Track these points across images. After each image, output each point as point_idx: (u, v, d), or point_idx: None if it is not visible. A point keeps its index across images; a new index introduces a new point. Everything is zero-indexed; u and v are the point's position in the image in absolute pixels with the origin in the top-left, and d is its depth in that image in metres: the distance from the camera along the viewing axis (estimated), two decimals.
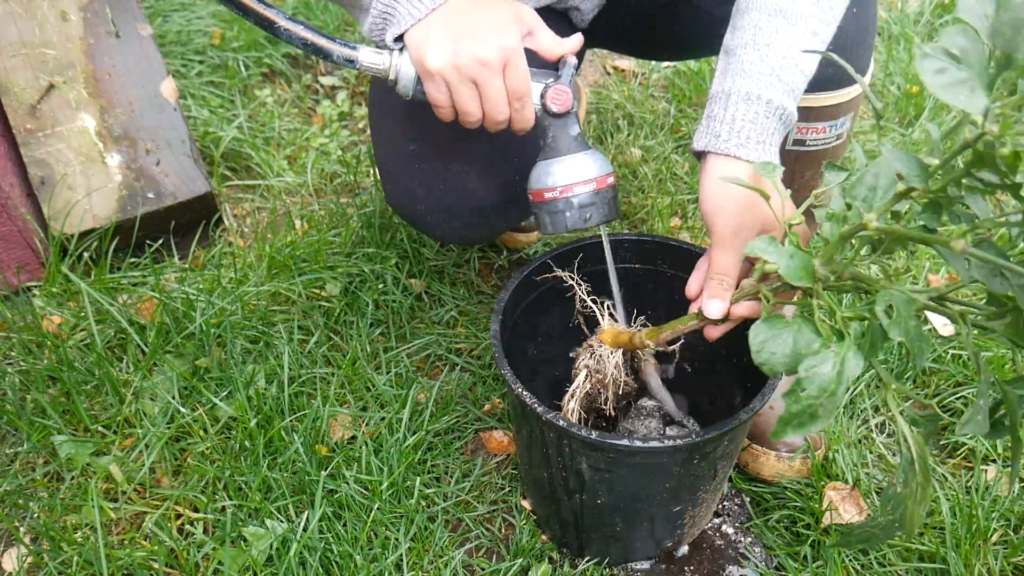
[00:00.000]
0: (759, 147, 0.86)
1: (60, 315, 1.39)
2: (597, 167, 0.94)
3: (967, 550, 1.15)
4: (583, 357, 1.03)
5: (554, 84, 0.91)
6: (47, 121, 1.53)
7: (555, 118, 0.93)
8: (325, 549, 1.11)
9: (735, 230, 0.85)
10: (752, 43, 0.88)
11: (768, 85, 0.87)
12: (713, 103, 0.90)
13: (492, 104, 0.88)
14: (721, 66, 0.91)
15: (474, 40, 0.85)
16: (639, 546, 1.15)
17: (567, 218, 0.94)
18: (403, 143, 1.14)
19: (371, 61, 0.91)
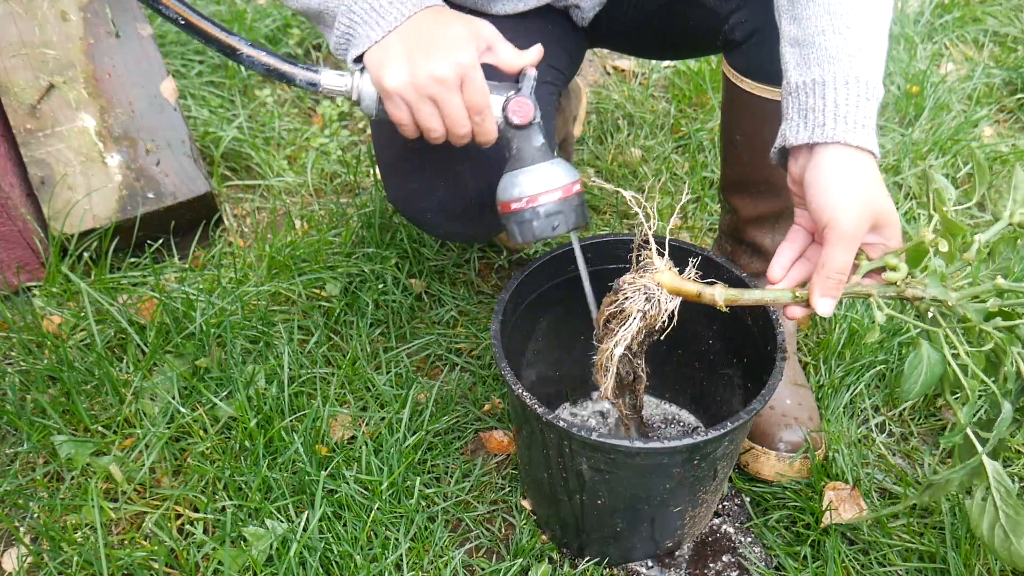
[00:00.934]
0: (865, 131, 0.84)
1: (60, 315, 1.39)
2: (562, 175, 0.95)
3: (967, 550, 1.15)
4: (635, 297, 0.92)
5: (515, 96, 0.93)
6: (47, 121, 1.53)
7: (517, 129, 0.94)
8: (325, 549, 1.11)
9: (856, 227, 0.82)
10: (831, 28, 0.86)
11: (861, 66, 0.85)
12: (803, 95, 0.86)
13: (452, 120, 0.90)
14: (794, 59, 0.88)
15: (430, 58, 0.86)
16: (639, 546, 1.15)
17: (534, 227, 0.95)
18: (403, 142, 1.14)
19: (333, 84, 0.93)
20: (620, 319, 0.93)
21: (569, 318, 1.23)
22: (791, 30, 0.90)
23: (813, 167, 0.85)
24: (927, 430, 1.38)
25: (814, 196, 0.84)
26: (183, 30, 0.90)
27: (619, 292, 0.93)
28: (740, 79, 1.13)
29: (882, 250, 0.87)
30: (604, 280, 1.18)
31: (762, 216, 1.27)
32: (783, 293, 0.89)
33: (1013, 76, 2.17)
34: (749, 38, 1.08)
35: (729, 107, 1.20)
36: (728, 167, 1.27)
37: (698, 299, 0.91)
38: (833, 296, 0.85)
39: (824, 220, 0.83)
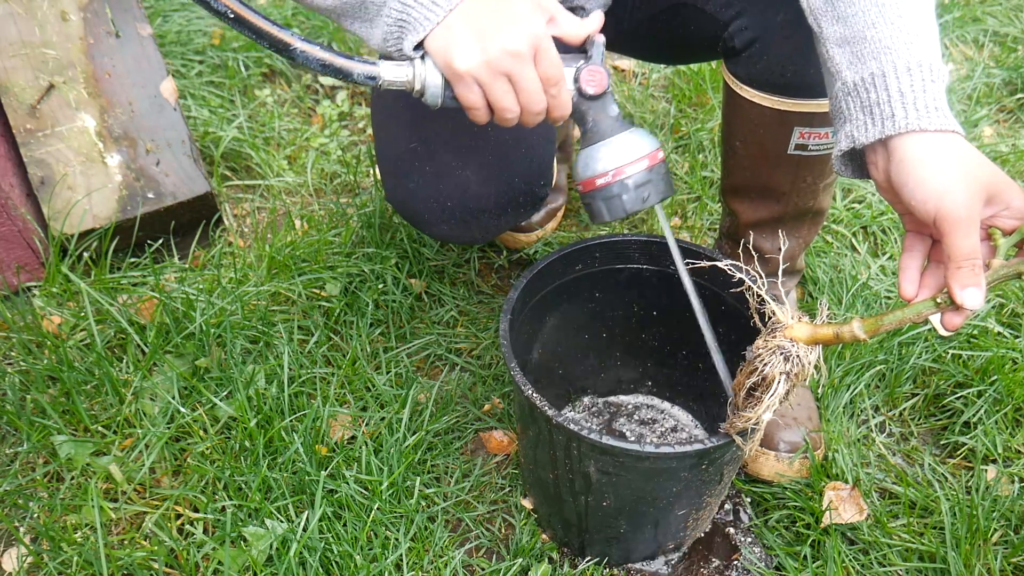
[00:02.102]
0: (939, 113, 0.78)
1: (60, 315, 1.39)
2: (646, 143, 0.90)
3: (967, 550, 1.15)
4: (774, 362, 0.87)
5: (587, 65, 0.88)
6: (47, 121, 1.53)
7: (592, 100, 0.90)
8: (325, 549, 1.11)
9: (968, 207, 0.75)
10: (881, 20, 0.82)
11: (920, 51, 0.80)
12: (863, 91, 0.81)
13: (528, 95, 0.86)
14: (846, 58, 0.83)
15: (501, 33, 0.82)
16: (641, 547, 1.15)
17: (624, 201, 0.89)
18: (405, 141, 1.14)
19: (394, 75, 0.86)
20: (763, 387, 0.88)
21: (575, 318, 1.23)
22: (836, 30, 0.85)
23: (897, 164, 0.79)
24: (927, 430, 1.38)
25: (911, 194, 0.77)
26: (231, 25, 0.84)
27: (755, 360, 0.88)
28: (740, 87, 1.13)
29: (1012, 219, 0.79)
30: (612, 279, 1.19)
31: (762, 221, 1.27)
32: (924, 305, 0.81)
33: (1013, 76, 2.17)
34: (749, 46, 1.08)
35: (729, 114, 1.20)
36: (728, 173, 1.27)
37: (837, 341, 0.85)
38: (975, 284, 0.76)
39: (931, 214, 0.76)
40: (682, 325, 1.18)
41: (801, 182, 1.20)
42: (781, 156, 1.16)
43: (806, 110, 1.10)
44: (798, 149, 1.14)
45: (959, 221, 0.75)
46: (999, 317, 1.51)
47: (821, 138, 1.13)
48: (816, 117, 1.10)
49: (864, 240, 1.70)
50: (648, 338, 1.28)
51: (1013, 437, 1.34)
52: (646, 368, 1.33)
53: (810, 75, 1.07)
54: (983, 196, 0.77)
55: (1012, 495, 1.24)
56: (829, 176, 1.21)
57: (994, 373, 1.38)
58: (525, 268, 1.60)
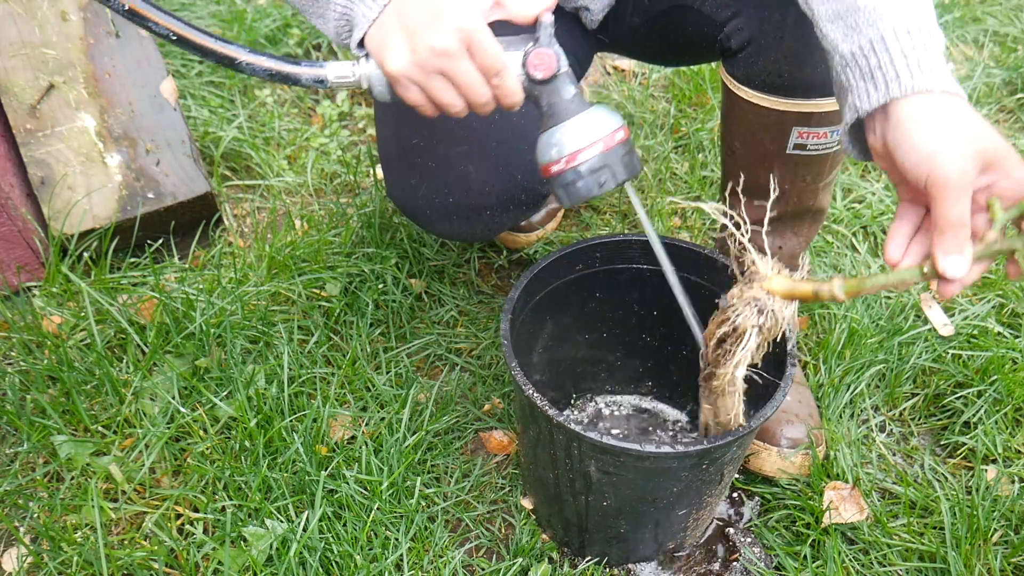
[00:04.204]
0: (943, 73, 0.75)
1: (60, 315, 1.39)
2: (600, 125, 0.87)
3: (967, 550, 1.15)
4: (748, 313, 0.84)
5: (534, 49, 0.85)
6: (47, 121, 1.53)
7: (544, 84, 0.86)
8: (325, 549, 1.11)
9: (960, 171, 0.72)
10: None
11: (915, 16, 0.77)
12: (862, 59, 0.78)
13: (468, 89, 0.84)
14: (840, 31, 0.81)
15: (428, 30, 0.80)
16: (641, 547, 1.15)
17: (579, 188, 0.87)
18: (407, 137, 1.14)
19: (340, 75, 0.87)
20: (734, 338, 0.86)
21: (576, 318, 1.23)
22: (827, 8, 0.82)
23: (894, 127, 0.76)
24: (927, 430, 1.38)
25: (904, 156, 0.74)
26: (176, 45, 0.85)
27: (728, 309, 0.86)
28: (738, 87, 1.13)
29: (1010, 189, 0.75)
30: (613, 279, 1.19)
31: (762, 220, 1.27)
32: (909, 272, 0.77)
33: (1013, 76, 2.17)
34: (745, 47, 1.08)
35: (728, 115, 1.20)
36: (727, 173, 1.27)
37: (816, 299, 0.82)
38: (960, 253, 0.73)
39: (922, 177, 0.73)
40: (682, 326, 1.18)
41: (800, 181, 1.20)
42: (780, 156, 1.16)
43: (804, 110, 1.10)
44: (797, 149, 1.15)
45: (948, 184, 0.72)
46: (999, 317, 1.51)
47: (820, 138, 1.13)
48: (814, 117, 1.11)
49: (864, 240, 1.70)
50: (649, 339, 1.28)
51: (1013, 437, 1.34)
52: (646, 368, 1.33)
53: (807, 75, 1.07)
54: (979, 162, 0.73)
55: (1012, 495, 1.24)
56: (828, 175, 1.21)
57: (994, 373, 1.38)
58: (525, 268, 1.60)
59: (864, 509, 1.21)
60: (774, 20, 1.04)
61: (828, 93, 1.08)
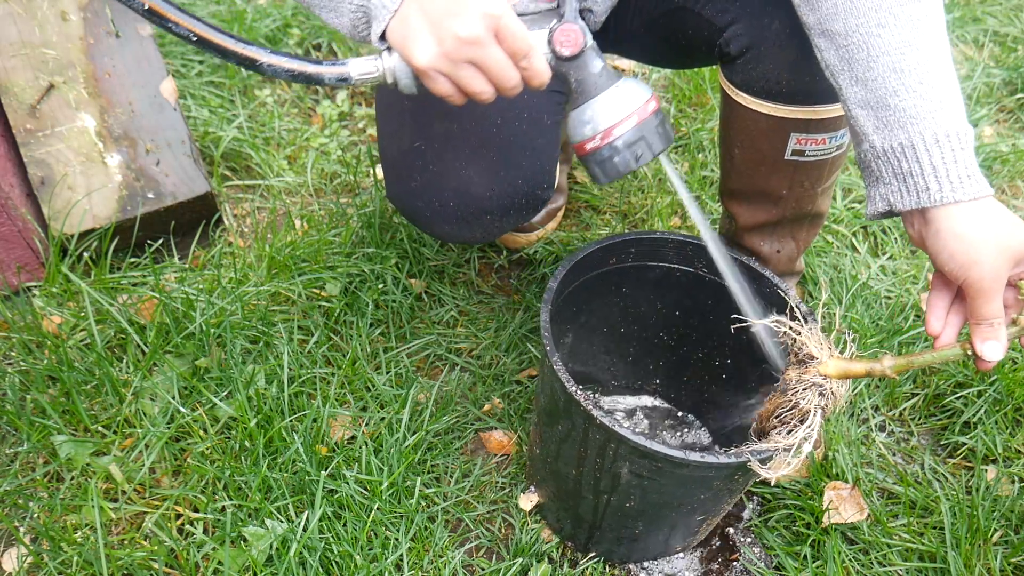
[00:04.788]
0: (971, 182, 0.82)
1: (60, 315, 1.39)
2: (632, 97, 0.85)
3: (967, 550, 1.15)
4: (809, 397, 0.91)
5: (559, 25, 0.83)
6: (47, 121, 1.53)
7: (571, 61, 0.84)
8: (325, 549, 1.11)
9: (992, 278, 0.81)
10: (903, 88, 0.83)
11: (946, 119, 0.82)
12: (894, 159, 0.84)
13: (497, 74, 0.82)
14: (871, 122, 0.86)
15: (454, 20, 0.78)
16: (650, 548, 1.15)
17: (616, 164, 0.86)
18: (408, 139, 1.14)
19: (363, 72, 0.84)
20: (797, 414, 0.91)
21: (602, 312, 1.23)
22: (857, 92, 0.87)
23: (932, 235, 0.83)
24: (927, 430, 1.38)
25: (944, 263, 0.83)
26: (197, 46, 0.83)
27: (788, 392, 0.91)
28: (737, 93, 1.13)
29: None
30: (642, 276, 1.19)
31: (760, 224, 1.27)
32: (953, 352, 0.85)
33: (1013, 76, 2.17)
34: (744, 53, 1.08)
35: (727, 120, 1.20)
36: (726, 177, 1.27)
37: (867, 376, 0.90)
38: (996, 339, 0.82)
39: (959, 279, 0.82)
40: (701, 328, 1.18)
41: (799, 187, 1.20)
42: (778, 161, 1.16)
43: (802, 116, 1.09)
44: (795, 155, 1.14)
45: (983, 291, 0.81)
46: None
47: (818, 144, 1.13)
48: (812, 123, 1.10)
49: (864, 240, 1.70)
50: (666, 337, 1.28)
51: (1013, 437, 1.34)
52: (657, 366, 1.33)
53: (806, 82, 1.06)
54: (1011, 262, 0.81)
55: (1012, 495, 1.24)
56: (827, 180, 1.21)
57: (994, 373, 1.38)
58: (527, 266, 1.60)
59: (864, 509, 1.21)
60: (773, 27, 1.04)
61: (827, 100, 1.08)
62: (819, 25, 0.89)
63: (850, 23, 0.85)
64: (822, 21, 0.88)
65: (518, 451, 1.31)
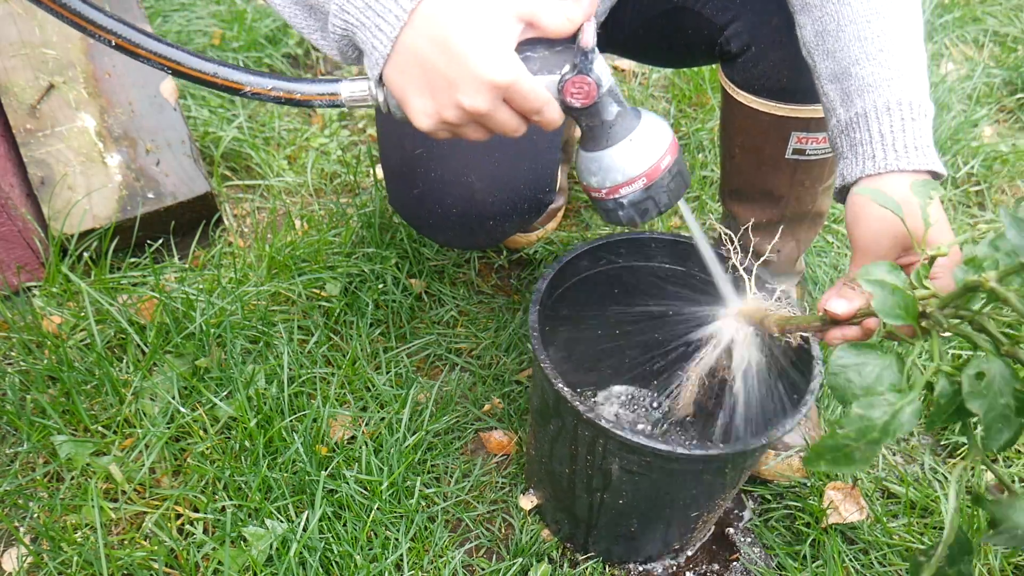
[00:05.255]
0: (917, 152, 0.80)
1: (60, 315, 1.39)
2: (644, 156, 0.79)
3: None
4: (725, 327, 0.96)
5: (570, 77, 0.75)
6: (47, 121, 1.53)
7: (582, 110, 0.78)
8: (325, 549, 1.11)
9: (873, 239, 0.79)
10: (863, 56, 0.83)
11: (901, 88, 0.81)
12: (851, 131, 0.84)
13: (503, 128, 0.76)
14: (838, 95, 0.86)
15: (457, 89, 0.70)
16: (647, 547, 1.15)
17: (621, 216, 0.83)
18: (410, 146, 1.14)
19: (355, 93, 0.77)
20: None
21: (594, 313, 1.23)
22: (827, 66, 0.87)
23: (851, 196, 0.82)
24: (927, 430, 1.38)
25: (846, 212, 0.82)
26: (176, 77, 0.78)
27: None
28: (737, 92, 1.13)
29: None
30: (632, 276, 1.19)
31: (760, 224, 1.27)
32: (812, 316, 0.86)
33: (1013, 76, 2.17)
34: (744, 51, 1.08)
35: (727, 119, 1.20)
36: (727, 176, 1.27)
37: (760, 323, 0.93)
38: (845, 298, 0.79)
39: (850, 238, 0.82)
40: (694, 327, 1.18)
41: (799, 186, 1.20)
42: (779, 160, 1.16)
43: (803, 115, 1.10)
44: (796, 154, 1.15)
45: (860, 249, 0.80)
46: None
47: (819, 143, 1.13)
48: (813, 122, 1.10)
49: None
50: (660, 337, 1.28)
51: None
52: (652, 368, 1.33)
53: (806, 80, 1.06)
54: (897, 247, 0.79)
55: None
56: (827, 179, 1.21)
57: None
58: (527, 266, 1.60)
59: (864, 509, 1.21)
60: (773, 25, 1.04)
61: None
62: (800, 1, 0.90)
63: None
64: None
65: (518, 451, 1.31)
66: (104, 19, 0.76)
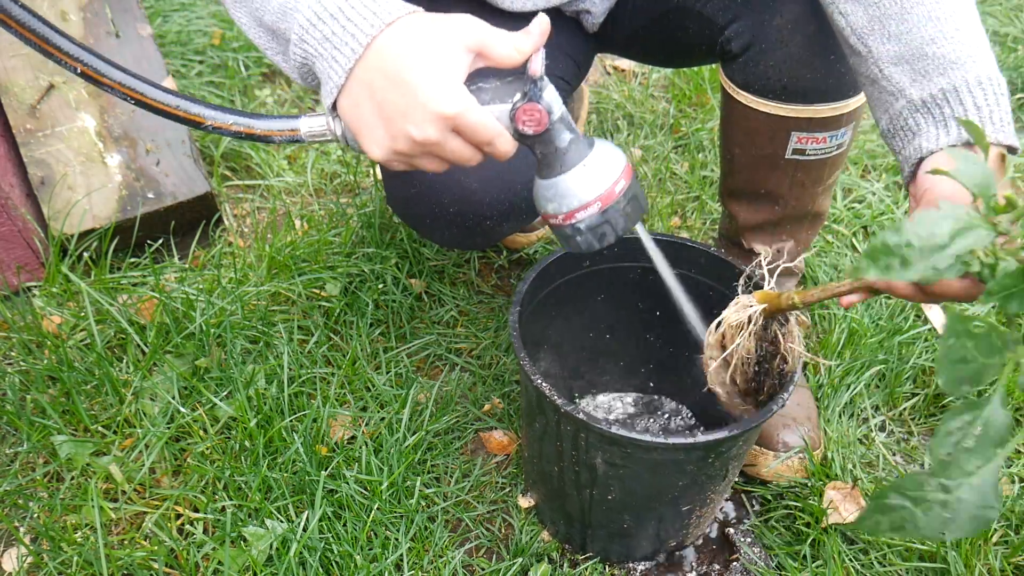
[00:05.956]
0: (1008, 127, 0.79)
1: (60, 315, 1.39)
2: (598, 180, 0.80)
3: (967, 550, 1.15)
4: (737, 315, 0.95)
5: (521, 104, 0.76)
6: (47, 121, 1.53)
7: (535, 137, 0.79)
8: (325, 549, 1.11)
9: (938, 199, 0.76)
10: (940, 35, 0.81)
11: (985, 65, 0.81)
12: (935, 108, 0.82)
13: (457, 158, 0.78)
14: (907, 76, 0.84)
15: (406, 119, 0.73)
16: (644, 544, 1.15)
17: (579, 242, 0.84)
18: None
19: (314, 129, 0.80)
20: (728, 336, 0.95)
21: (581, 316, 1.23)
22: (889, 49, 0.85)
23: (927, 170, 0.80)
24: (927, 430, 1.38)
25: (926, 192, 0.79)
26: (140, 107, 0.80)
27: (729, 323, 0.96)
28: (737, 92, 1.13)
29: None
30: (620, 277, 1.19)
31: (761, 224, 1.27)
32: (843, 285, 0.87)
33: (1013, 76, 2.17)
34: (745, 51, 1.08)
35: (727, 119, 1.20)
36: (727, 176, 1.27)
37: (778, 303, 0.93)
38: None
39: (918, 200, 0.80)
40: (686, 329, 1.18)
41: (799, 186, 1.20)
42: (779, 160, 1.16)
43: (803, 115, 1.09)
44: (796, 154, 1.14)
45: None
46: (999, 317, 1.51)
47: (819, 143, 1.13)
48: (813, 122, 1.10)
49: (864, 240, 1.70)
50: (652, 338, 1.28)
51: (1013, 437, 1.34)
52: (648, 368, 1.33)
53: (807, 80, 1.06)
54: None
55: (1012, 495, 1.24)
56: (828, 179, 1.21)
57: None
58: (526, 267, 1.60)
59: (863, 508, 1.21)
60: (774, 24, 1.04)
61: (827, 99, 1.08)
62: None
63: None
64: None
65: (518, 451, 1.31)
66: (70, 46, 0.77)
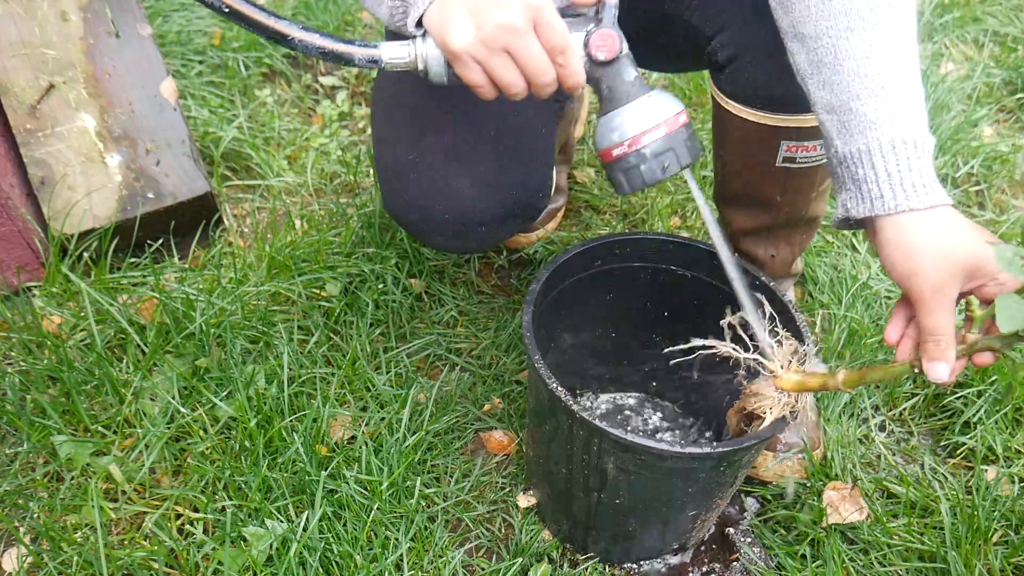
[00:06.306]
0: (925, 190, 0.80)
1: (60, 315, 1.39)
2: (664, 107, 0.86)
3: (967, 550, 1.15)
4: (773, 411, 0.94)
5: (596, 30, 0.83)
6: (47, 121, 1.53)
7: (604, 66, 0.85)
8: (325, 549, 1.11)
9: (935, 289, 0.78)
10: (865, 92, 0.82)
11: (904, 125, 0.81)
12: (852, 165, 0.83)
13: (532, 68, 0.82)
14: (834, 127, 0.85)
15: (495, 6, 0.79)
16: (646, 546, 1.15)
17: (643, 172, 0.86)
18: (404, 151, 1.14)
19: (395, 55, 0.85)
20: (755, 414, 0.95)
21: (590, 315, 1.23)
22: (823, 96, 0.86)
23: (880, 245, 0.82)
24: (927, 430, 1.38)
25: (890, 271, 0.82)
26: (227, 18, 0.84)
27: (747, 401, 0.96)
28: (726, 101, 1.12)
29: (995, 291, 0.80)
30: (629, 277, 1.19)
31: (755, 229, 1.27)
32: (902, 367, 0.85)
33: (1013, 76, 2.17)
34: (732, 61, 1.07)
35: (717, 127, 1.19)
36: (720, 182, 1.27)
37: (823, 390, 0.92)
38: (941, 359, 0.79)
39: (904, 290, 0.81)
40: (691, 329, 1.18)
41: (792, 192, 1.20)
42: (769, 168, 1.16)
43: (792, 124, 1.09)
44: (786, 162, 1.14)
45: (923, 303, 0.79)
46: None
47: (809, 151, 1.13)
48: (803, 131, 1.10)
49: (864, 240, 1.70)
50: (658, 338, 1.28)
51: (1013, 437, 1.34)
52: (652, 368, 1.33)
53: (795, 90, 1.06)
54: (959, 275, 0.79)
55: (1012, 495, 1.24)
56: (820, 185, 1.21)
57: (994, 373, 1.38)
58: (528, 267, 1.60)
59: (864, 509, 1.21)
60: (761, 35, 1.03)
61: None
62: (792, 28, 0.89)
63: (820, 26, 0.84)
64: (795, 24, 0.88)
65: (518, 451, 1.31)
66: None
